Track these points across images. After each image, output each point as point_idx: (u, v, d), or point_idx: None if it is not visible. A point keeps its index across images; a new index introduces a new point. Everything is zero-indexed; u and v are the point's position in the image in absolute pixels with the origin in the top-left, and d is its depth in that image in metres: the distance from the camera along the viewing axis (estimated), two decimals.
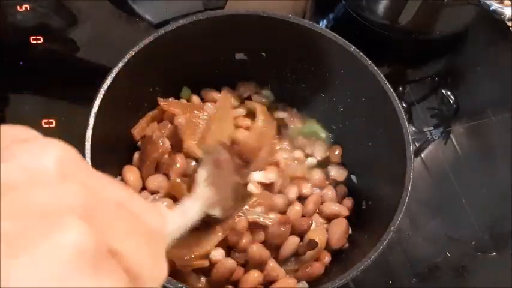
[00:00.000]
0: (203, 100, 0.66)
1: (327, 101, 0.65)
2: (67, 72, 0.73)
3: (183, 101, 0.65)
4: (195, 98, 0.65)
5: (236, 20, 0.58)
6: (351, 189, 0.64)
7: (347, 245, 0.59)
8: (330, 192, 0.62)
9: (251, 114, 0.64)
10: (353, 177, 0.65)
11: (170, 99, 0.63)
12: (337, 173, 0.64)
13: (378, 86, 0.56)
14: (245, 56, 0.65)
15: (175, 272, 0.52)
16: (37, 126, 0.68)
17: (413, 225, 0.69)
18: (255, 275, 0.54)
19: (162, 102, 0.61)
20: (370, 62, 0.57)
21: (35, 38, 0.74)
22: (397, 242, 0.67)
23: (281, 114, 0.67)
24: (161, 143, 0.57)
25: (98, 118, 0.51)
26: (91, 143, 0.50)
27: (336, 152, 0.65)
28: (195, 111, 0.61)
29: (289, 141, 0.65)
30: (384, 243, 0.49)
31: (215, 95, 0.66)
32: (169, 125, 0.60)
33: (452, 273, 0.66)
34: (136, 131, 0.61)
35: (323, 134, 0.66)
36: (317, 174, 0.63)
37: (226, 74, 0.67)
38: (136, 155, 0.61)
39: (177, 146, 0.59)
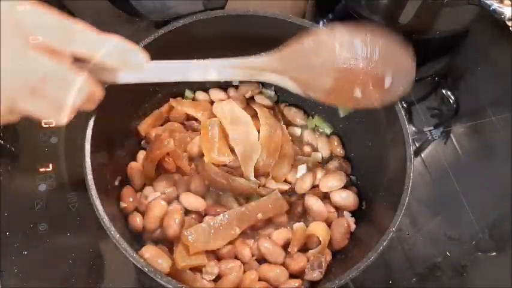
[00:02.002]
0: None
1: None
2: None
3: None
4: (203, 95, 0.66)
5: (236, 20, 0.57)
6: None
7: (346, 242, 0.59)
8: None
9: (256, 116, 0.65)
10: (353, 178, 0.65)
11: (178, 99, 0.65)
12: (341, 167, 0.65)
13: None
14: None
15: (174, 272, 0.53)
16: (37, 126, 0.68)
17: (413, 225, 0.69)
18: (252, 276, 0.55)
19: (173, 102, 0.64)
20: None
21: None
22: (397, 242, 0.67)
23: (286, 111, 0.68)
24: (166, 143, 0.58)
25: (97, 118, 0.51)
26: (91, 142, 0.50)
27: (335, 143, 0.66)
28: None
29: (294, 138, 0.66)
30: (384, 244, 0.49)
31: (222, 95, 0.67)
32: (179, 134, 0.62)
33: (452, 273, 0.66)
34: (142, 128, 0.63)
35: (328, 129, 0.66)
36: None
37: None
38: (140, 155, 0.62)
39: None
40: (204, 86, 0.67)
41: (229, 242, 0.55)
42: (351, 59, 0.47)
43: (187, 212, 0.58)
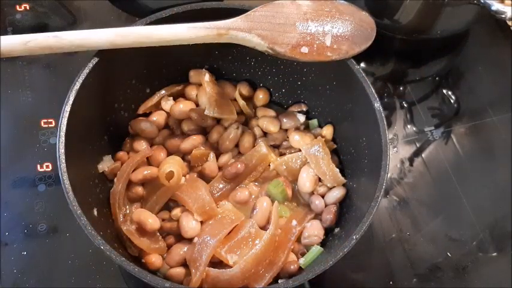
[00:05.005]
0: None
1: (323, 103, 0.65)
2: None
3: None
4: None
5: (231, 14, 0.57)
6: None
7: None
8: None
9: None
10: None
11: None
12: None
13: (360, 86, 0.56)
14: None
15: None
16: (37, 126, 0.68)
17: (414, 225, 0.69)
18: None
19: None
20: (358, 67, 0.56)
21: None
22: (397, 242, 0.67)
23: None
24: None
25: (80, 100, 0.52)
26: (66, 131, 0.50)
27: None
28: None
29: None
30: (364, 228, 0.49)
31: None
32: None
33: (453, 273, 0.66)
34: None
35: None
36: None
37: (225, 70, 0.67)
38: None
39: None
40: None
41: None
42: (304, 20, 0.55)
43: None
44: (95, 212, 0.53)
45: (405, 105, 0.78)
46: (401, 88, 0.80)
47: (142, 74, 0.62)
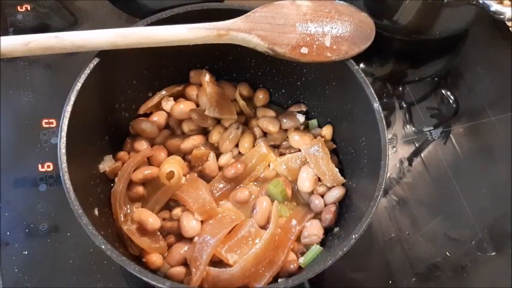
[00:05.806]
0: None
1: (322, 104, 0.66)
2: None
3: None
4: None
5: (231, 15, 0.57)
6: None
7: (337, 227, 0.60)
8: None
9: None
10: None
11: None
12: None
13: (360, 87, 0.56)
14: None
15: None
16: (37, 126, 0.68)
17: (413, 225, 0.69)
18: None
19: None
20: (357, 67, 0.57)
21: None
22: (397, 242, 0.67)
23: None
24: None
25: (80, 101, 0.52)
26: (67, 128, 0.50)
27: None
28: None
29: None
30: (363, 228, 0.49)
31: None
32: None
33: (452, 273, 0.66)
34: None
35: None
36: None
37: (225, 70, 0.67)
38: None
39: None
40: None
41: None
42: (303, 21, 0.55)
43: None
44: (96, 212, 0.53)
45: (404, 105, 0.79)
46: (400, 88, 0.80)
47: (143, 75, 0.62)
